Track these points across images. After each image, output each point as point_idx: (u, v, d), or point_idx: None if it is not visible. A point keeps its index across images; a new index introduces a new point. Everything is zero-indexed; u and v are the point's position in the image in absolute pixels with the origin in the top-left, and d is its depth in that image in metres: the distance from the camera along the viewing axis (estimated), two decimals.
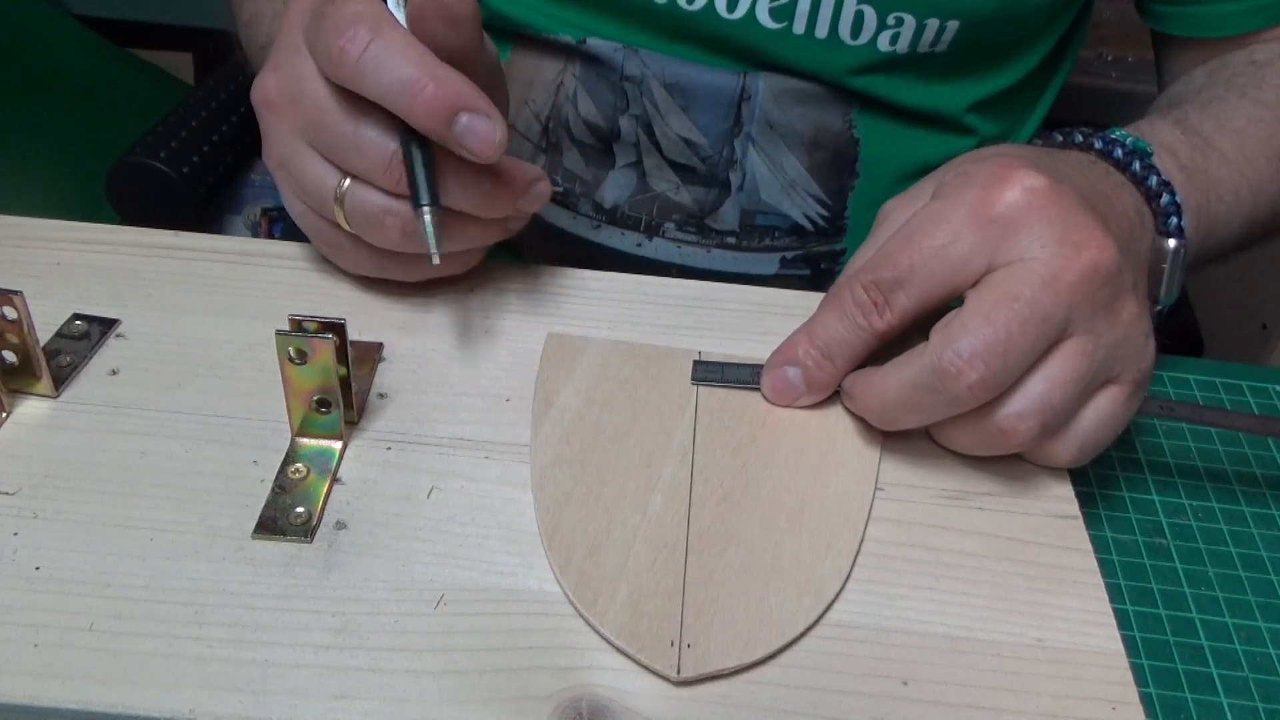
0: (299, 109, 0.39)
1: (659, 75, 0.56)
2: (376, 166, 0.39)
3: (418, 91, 0.36)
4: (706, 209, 0.60)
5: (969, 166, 0.39)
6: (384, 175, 0.39)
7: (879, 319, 0.38)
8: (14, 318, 0.37)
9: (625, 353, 0.43)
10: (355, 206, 0.40)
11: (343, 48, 0.36)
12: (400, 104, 0.37)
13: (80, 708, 0.30)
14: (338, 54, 0.37)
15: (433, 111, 0.36)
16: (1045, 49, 0.61)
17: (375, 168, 0.39)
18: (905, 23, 0.53)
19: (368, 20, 0.37)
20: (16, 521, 0.34)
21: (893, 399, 0.37)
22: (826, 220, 0.60)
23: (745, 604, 0.33)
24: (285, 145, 0.41)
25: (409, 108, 0.36)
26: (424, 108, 0.36)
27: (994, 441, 0.37)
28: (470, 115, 0.37)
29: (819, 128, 0.57)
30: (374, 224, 0.40)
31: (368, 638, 0.32)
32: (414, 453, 0.38)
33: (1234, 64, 0.57)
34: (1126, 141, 0.45)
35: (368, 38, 0.36)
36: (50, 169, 1.18)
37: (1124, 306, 0.37)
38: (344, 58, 0.36)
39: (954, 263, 0.37)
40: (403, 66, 0.36)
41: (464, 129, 0.37)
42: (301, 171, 0.40)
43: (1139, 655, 0.37)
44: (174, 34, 1.46)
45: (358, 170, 0.39)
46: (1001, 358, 0.35)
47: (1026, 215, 0.36)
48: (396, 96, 0.36)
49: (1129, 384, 0.38)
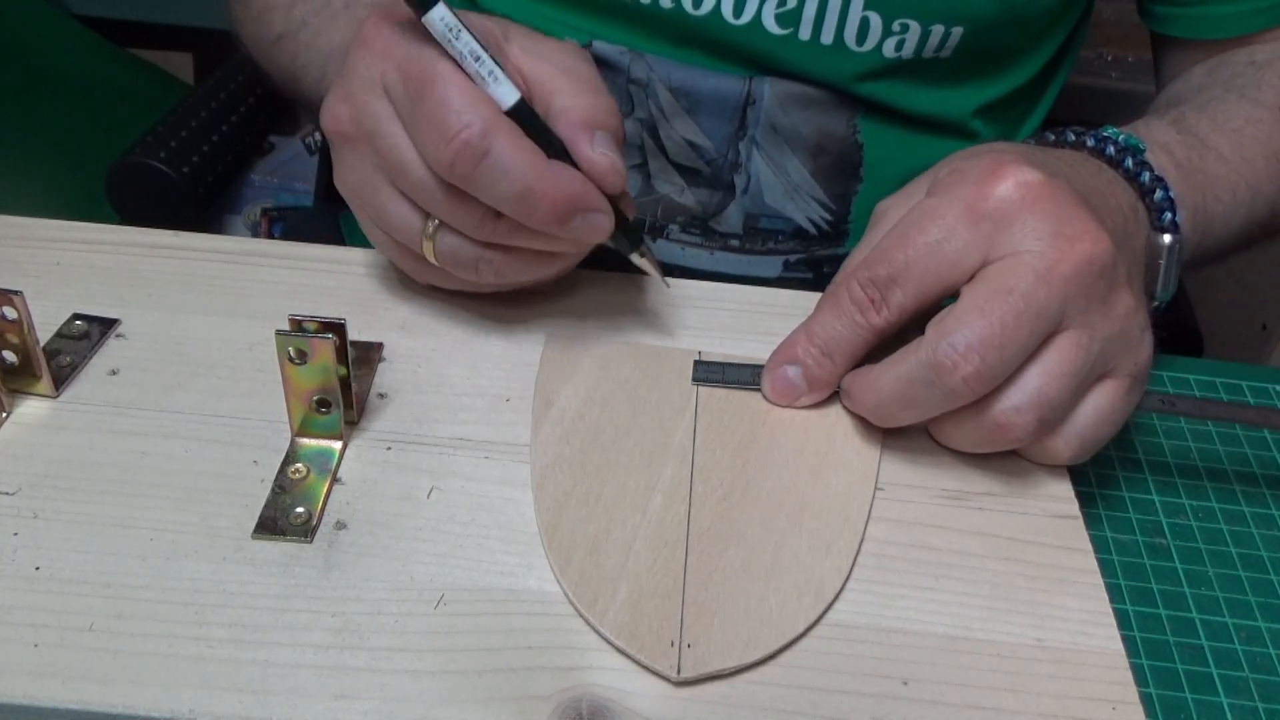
0: (378, 150, 0.38)
1: (664, 79, 0.56)
2: (470, 224, 0.38)
3: (535, 204, 0.36)
4: (710, 212, 0.60)
5: (962, 163, 0.39)
6: (478, 232, 0.38)
7: (876, 316, 0.38)
8: (14, 318, 0.37)
9: (625, 353, 0.43)
10: (446, 251, 0.40)
11: (453, 159, 0.35)
12: (517, 214, 0.36)
13: (80, 708, 0.30)
14: (447, 163, 0.36)
15: (550, 219, 0.36)
16: (1047, 54, 0.61)
17: (469, 225, 0.38)
18: (910, 29, 0.53)
19: (477, 126, 0.35)
20: (16, 521, 0.34)
21: (889, 394, 0.37)
22: (830, 224, 0.60)
23: (745, 604, 0.33)
24: (363, 180, 0.40)
25: (527, 217, 0.36)
26: (542, 217, 0.36)
27: (992, 437, 0.37)
28: (583, 215, 0.37)
29: (823, 132, 0.57)
30: (467, 269, 0.40)
31: (368, 638, 0.32)
32: (414, 453, 0.38)
33: (1233, 64, 0.57)
34: (1118, 139, 0.45)
35: (481, 150, 0.35)
36: (50, 169, 1.18)
37: (1119, 299, 0.37)
38: (455, 170, 0.36)
39: (949, 258, 0.37)
40: (518, 180, 0.36)
41: (579, 227, 0.37)
42: (382, 209, 0.40)
43: (1139, 655, 0.37)
44: (174, 34, 1.46)
45: (449, 223, 0.39)
46: (997, 350, 0.35)
47: (1020, 209, 0.36)
48: (513, 208, 0.36)
49: (1126, 378, 0.38)
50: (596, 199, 0.37)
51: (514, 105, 0.37)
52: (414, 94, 0.36)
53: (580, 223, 0.37)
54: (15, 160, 1.17)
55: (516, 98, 0.37)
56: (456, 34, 0.36)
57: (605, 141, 0.38)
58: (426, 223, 0.39)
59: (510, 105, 0.37)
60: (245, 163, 1.24)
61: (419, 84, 0.36)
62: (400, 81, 0.37)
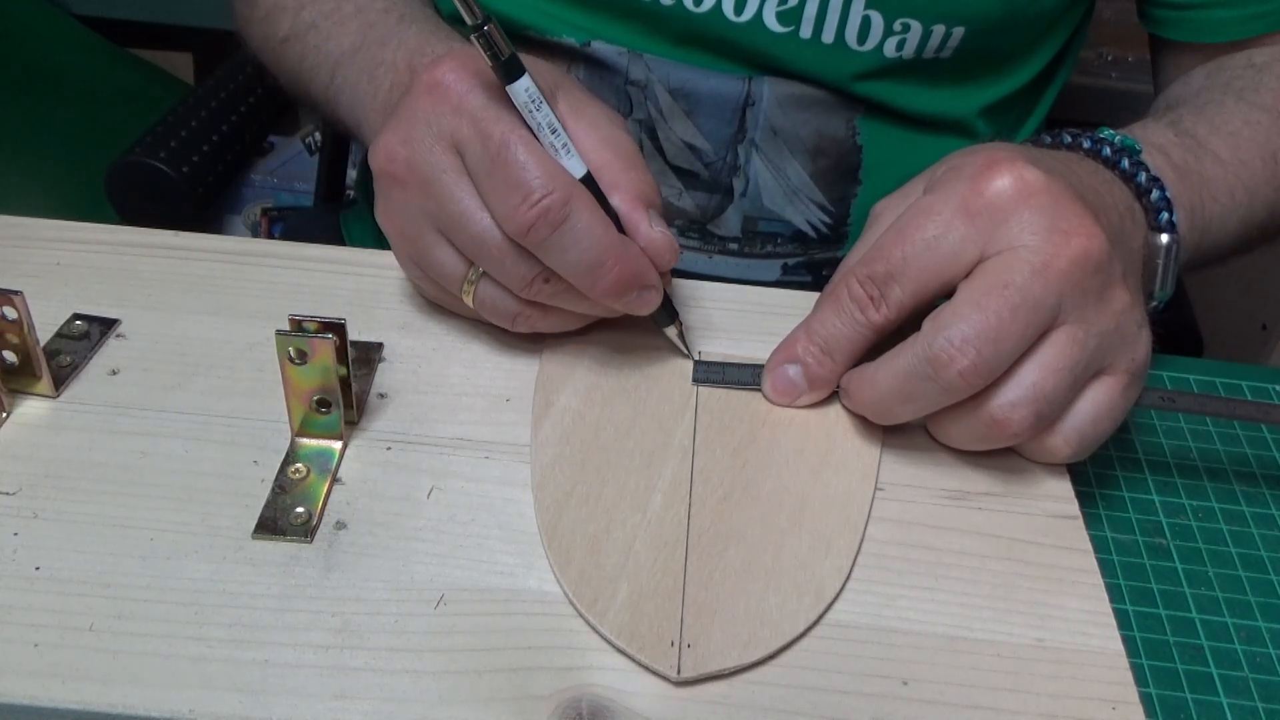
0: (433, 198, 0.39)
1: (664, 80, 0.56)
2: (518, 284, 0.39)
3: (603, 275, 0.37)
4: (709, 215, 0.60)
5: (958, 161, 0.39)
6: (525, 292, 0.39)
7: (875, 313, 0.38)
8: (14, 318, 0.37)
9: (625, 353, 0.43)
10: (487, 303, 0.40)
11: (534, 222, 0.36)
12: (583, 282, 0.37)
13: (80, 708, 0.30)
14: (525, 224, 0.36)
15: (611, 292, 0.37)
16: (1048, 56, 0.61)
17: (517, 285, 0.39)
18: (912, 29, 0.53)
19: (560, 194, 0.36)
20: (16, 521, 0.34)
21: (886, 390, 0.37)
22: (829, 227, 0.60)
23: (745, 604, 0.33)
24: (410, 223, 0.40)
25: (590, 287, 0.37)
26: (604, 289, 0.37)
27: (989, 433, 0.37)
28: (641, 290, 0.38)
29: (822, 134, 0.57)
30: (504, 320, 0.41)
31: (368, 638, 0.32)
32: (414, 453, 0.38)
33: (1232, 67, 0.57)
34: (1114, 140, 0.45)
35: (561, 217, 0.36)
36: (50, 169, 1.18)
37: (1114, 295, 0.37)
38: (533, 233, 0.36)
39: (946, 254, 0.37)
40: (591, 251, 0.36)
41: (632, 301, 0.38)
42: (426, 253, 0.40)
43: (1139, 655, 0.37)
44: (174, 34, 1.46)
45: (496, 276, 0.39)
46: (993, 344, 0.35)
47: (1016, 204, 0.37)
48: (580, 275, 0.37)
49: (1123, 374, 0.38)
50: (653, 276, 0.39)
51: (581, 177, 0.38)
52: (494, 154, 0.36)
53: (635, 297, 0.38)
54: (15, 160, 1.17)
55: (584, 171, 0.38)
56: (538, 106, 0.37)
57: (658, 219, 0.39)
58: (470, 270, 0.40)
59: (578, 178, 0.37)
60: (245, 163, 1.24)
61: (500, 145, 0.36)
62: (477, 139, 0.37)
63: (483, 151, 0.37)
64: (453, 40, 0.50)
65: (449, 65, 0.38)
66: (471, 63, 0.38)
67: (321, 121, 1.19)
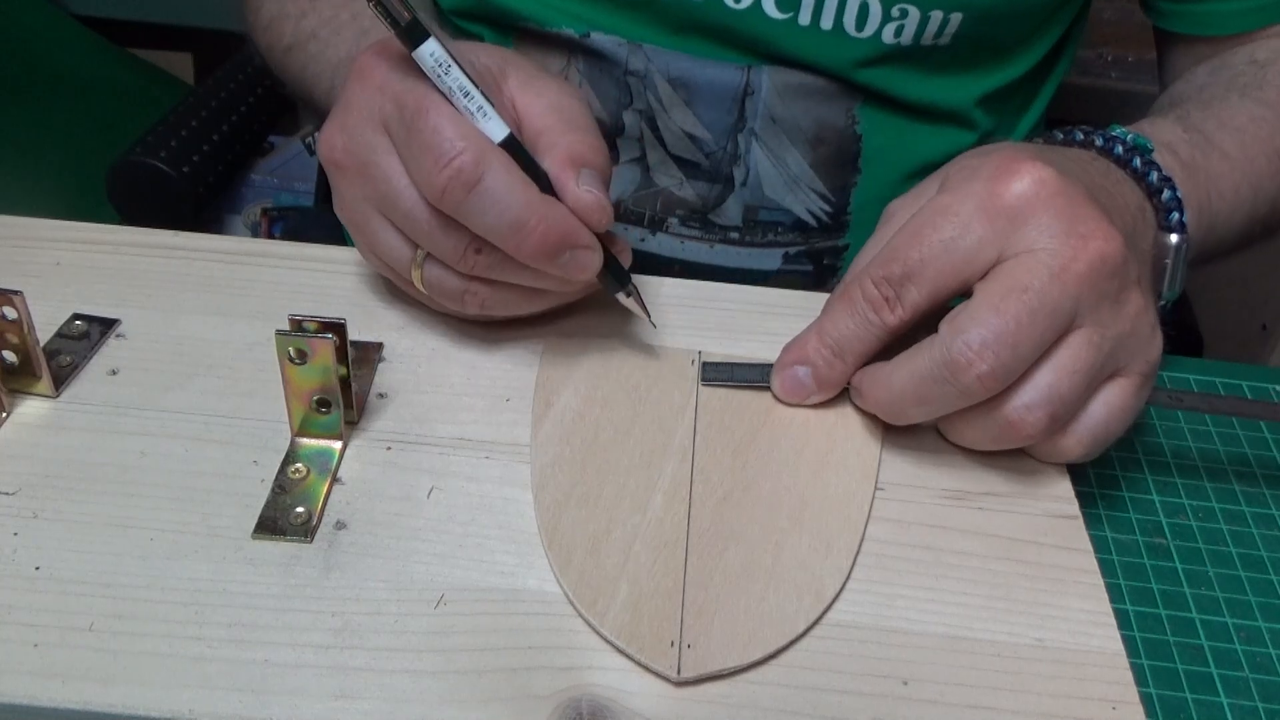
0: (370, 181, 0.39)
1: (663, 70, 0.56)
2: (452, 257, 0.38)
3: (526, 235, 0.36)
4: (710, 204, 0.60)
5: (973, 161, 0.39)
6: (460, 264, 0.38)
7: (890, 314, 0.38)
8: (14, 318, 0.37)
9: (625, 353, 0.43)
10: (433, 282, 0.40)
11: (446, 185, 0.35)
12: (507, 244, 0.37)
13: (80, 708, 0.30)
14: (439, 188, 0.36)
15: (539, 253, 0.37)
16: (1046, 45, 0.61)
17: (451, 257, 0.38)
18: (909, 15, 0.53)
19: (471, 154, 0.35)
20: (16, 521, 0.34)
21: (901, 392, 0.37)
22: (829, 216, 0.60)
23: (745, 604, 0.33)
24: (357, 210, 0.40)
25: (516, 249, 0.37)
26: (531, 250, 0.36)
27: (1003, 434, 0.37)
28: (572, 251, 0.37)
29: (822, 123, 0.57)
30: (452, 299, 0.40)
31: (368, 638, 0.32)
32: (414, 453, 0.38)
33: (1235, 63, 0.58)
34: (1126, 138, 0.45)
35: (474, 177, 0.35)
36: (50, 169, 1.18)
37: (1130, 298, 0.37)
38: (447, 196, 0.36)
39: (963, 255, 0.37)
40: (510, 209, 0.36)
41: (566, 263, 0.37)
42: (374, 238, 0.40)
43: (1139, 655, 0.37)
44: (174, 34, 1.46)
45: (433, 253, 0.39)
46: (1011, 349, 0.35)
47: (1034, 206, 0.36)
48: (503, 238, 0.36)
49: (1137, 376, 0.38)
50: (585, 236, 0.38)
51: (503, 140, 0.37)
52: (408, 122, 0.36)
53: (569, 259, 0.37)
54: (15, 160, 1.17)
55: (506, 133, 0.37)
56: (446, 69, 0.37)
57: (591, 179, 0.38)
58: (415, 252, 0.40)
59: (500, 140, 0.37)
60: (245, 163, 1.24)
61: (413, 112, 0.36)
62: (396, 111, 0.37)
63: (400, 121, 0.37)
64: None
65: (373, 48, 0.39)
66: (392, 44, 0.38)
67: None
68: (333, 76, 0.55)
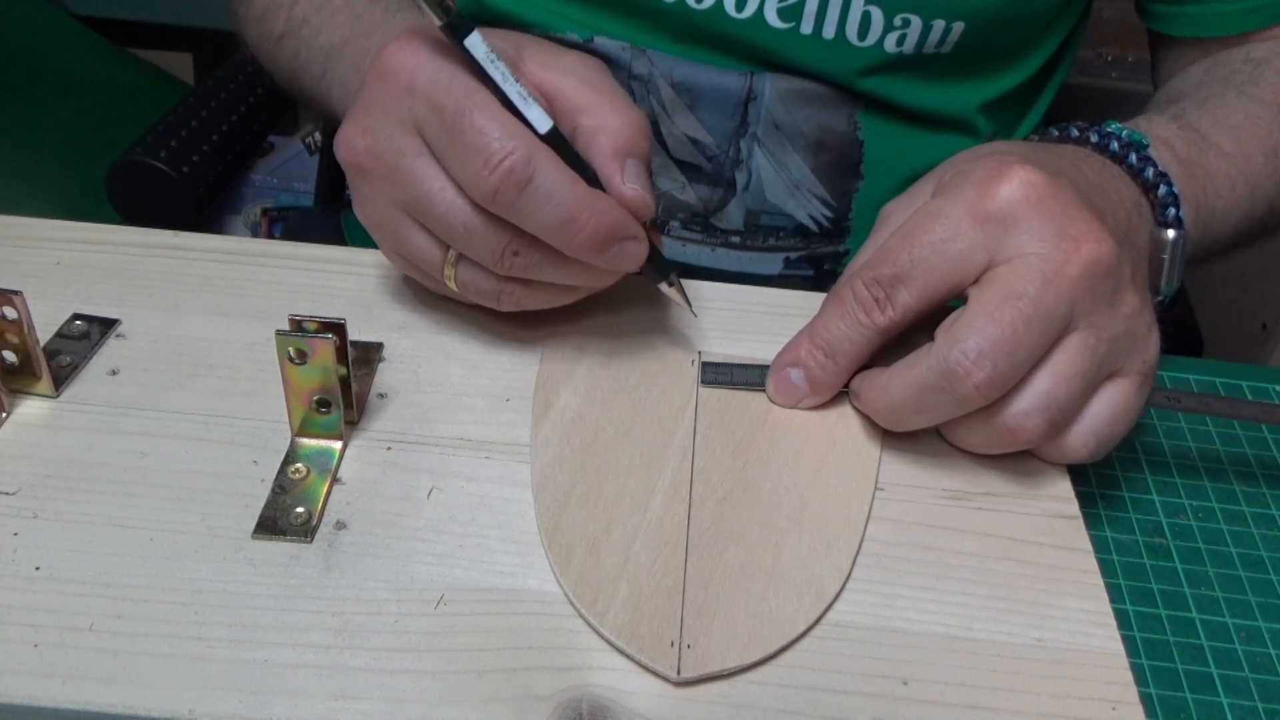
0: (399, 184, 0.38)
1: (666, 75, 0.57)
2: (490, 259, 0.38)
3: (577, 230, 0.36)
4: (712, 208, 0.60)
5: (966, 164, 0.39)
6: (497, 266, 0.38)
7: (881, 316, 0.38)
8: (14, 318, 0.37)
9: (625, 353, 0.43)
10: (467, 283, 0.40)
11: (499, 186, 0.35)
12: (558, 240, 0.36)
13: (80, 708, 0.30)
14: (491, 189, 0.35)
15: (590, 247, 0.36)
16: (1048, 52, 0.61)
17: (489, 260, 0.38)
18: (912, 24, 0.53)
19: (521, 153, 0.35)
20: (16, 521, 0.34)
21: (900, 400, 0.37)
22: (831, 221, 0.60)
23: (745, 604, 0.33)
24: (382, 212, 0.40)
25: (567, 244, 0.36)
26: (582, 244, 0.36)
27: (1002, 440, 0.37)
28: (621, 243, 0.37)
29: (824, 129, 0.57)
30: (486, 299, 0.40)
31: (368, 638, 0.32)
32: (414, 453, 0.38)
33: (1231, 61, 0.58)
34: (1122, 134, 0.45)
35: (525, 176, 0.35)
36: (50, 169, 1.18)
37: (1124, 299, 0.37)
38: (500, 197, 0.35)
39: (954, 258, 0.37)
40: (561, 205, 0.35)
41: (615, 255, 0.37)
42: (403, 241, 0.40)
43: (1139, 655, 0.37)
44: (174, 34, 1.46)
45: (468, 254, 0.39)
46: (1008, 356, 0.35)
47: (1025, 210, 0.36)
48: (554, 234, 0.36)
49: (1136, 375, 0.38)
50: (635, 228, 0.37)
51: (548, 132, 0.37)
52: (450, 124, 0.36)
53: (617, 251, 0.37)
54: (15, 160, 1.17)
55: (550, 125, 0.37)
56: (493, 59, 0.36)
57: (635, 172, 0.38)
58: (448, 253, 0.39)
59: (545, 132, 0.37)
60: (245, 163, 1.24)
61: (454, 114, 0.36)
62: (432, 114, 0.36)
63: (439, 124, 0.36)
64: None
65: (393, 47, 0.38)
66: (413, 40, 0.38)
67: (320, 120, 1.19)
68: (324, 62, 0.54)
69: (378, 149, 0.38)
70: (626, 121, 0.38)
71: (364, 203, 0.41)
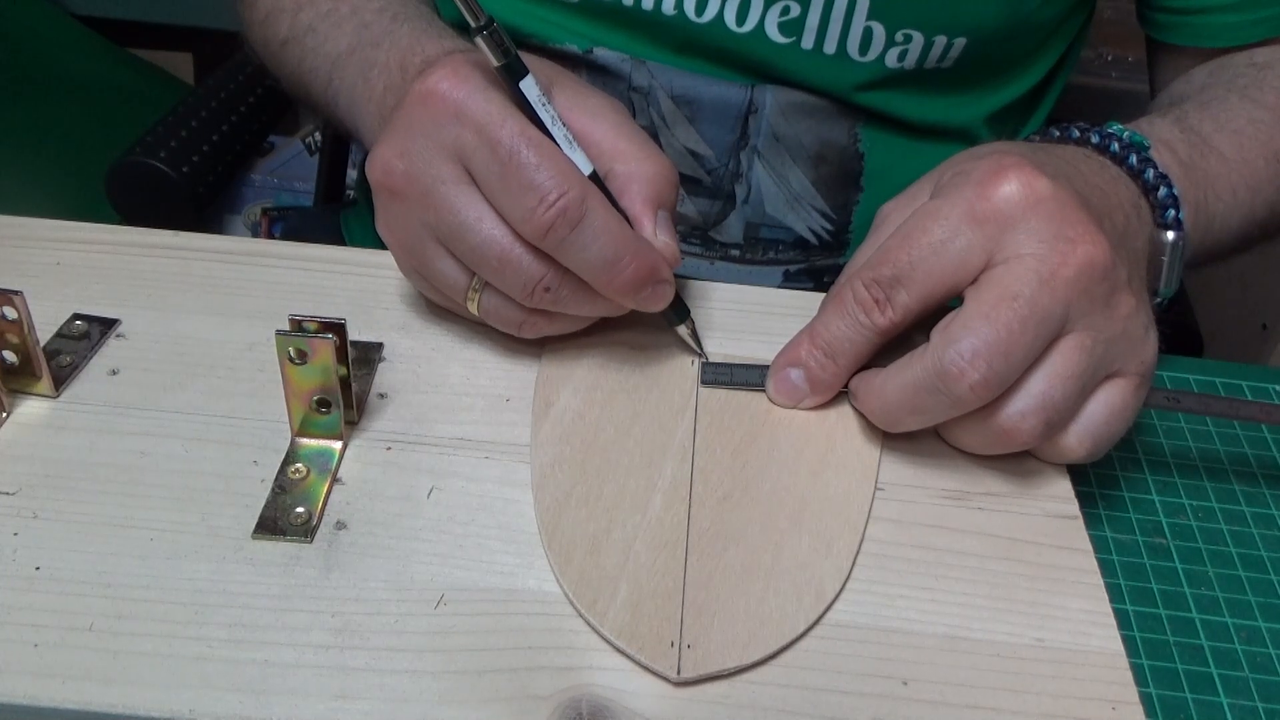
0: (433, 210, 0.38)
1: (666, 87, 0.56)
2: (520, 293, 0.38)
3: (619, 270, 0.37)
4: (711, 221, 0.60)
5: (965, 165, 0.39)
6: (526, 300, 0.39)
7: (880, 316, 0.38)
8: (14, 318, 0.37)
9: (625, 353, 0.43)
10: (491, 312, 0.40)
11: (553, 223, 0.36)
12: (599, 279, 0.37)
13: (80, 708, 0.30)
14: (544, 225, 0.36)
15: (628, 288, 0.37)
16: (1049, 63, 0.61)
17: (519, 294, 0.38)
18: (913, 39, 0.53)
19: (576, 192, 0.36)
20: (16, 521, 0.34)
21: (895, 401, 0.37)
22: (831, 234, 0.60)
23: (745, 604, 0.33)
24: (411, 235, 0.40)
25: (607, 283, 0.37)
26: (621, 285, 0.37)
27: (999, 441, 0.37)
28: (654, 285, 0.38)
29: (824, 142, 0.57)
30: (509, 327, 0.41)
31: (368, 638, 0.32)
32: (414, 453, 0.38)
33: (1234, 65, 0.57)
34: (1123, 136, 0.45)
35: (579, 215, 0.36)
36: (50, 169, 1.18)
37: (1121, 300, 0.37)
38: (552, 234, 0.36)
39: (953, 258, 0.37)
40: (610, 247, 0.36)
41: (647, 297, 0.38)
42: (428, 264, 0.40)
43: (1139, 655, 0.37)
44: (174, 34, 1.47)
45: (497, 286, 0.39)
46: (1003, 357, 0.35)
47: (1022, 211, 0.36)
48: (597, 272, 0.37)
49: (1134, 376, 0.38)
50: (667, 271, 0.39)
51: (589, 175, 0.38)
52: (505, 159, 0.36)
53: (650, 293, 0.38)
54: (15, 160, 1.17)
55: (591, 169, 0.38)
56: (545, 102, 0.37)
57: (666, 223, 0.39)
58: (473, 280, 0.39)
59: (587, 174, 0.38)
60: (245, 163, 1.24)
61: (510, 150, 0.36)
62: (484, 146, 0.36)
63: (491, 158, 0.36)
64: (445, 39, 0.50)
65: (442, 73, 0.38)
66: (463, 68, 0.38)
67: (322, 122, 1.19)
68: (330, 70, 0.54)
69: (414, 172, 0.38)
70: (659, 172, 0.39)
71: (391, 222, 0.40)
